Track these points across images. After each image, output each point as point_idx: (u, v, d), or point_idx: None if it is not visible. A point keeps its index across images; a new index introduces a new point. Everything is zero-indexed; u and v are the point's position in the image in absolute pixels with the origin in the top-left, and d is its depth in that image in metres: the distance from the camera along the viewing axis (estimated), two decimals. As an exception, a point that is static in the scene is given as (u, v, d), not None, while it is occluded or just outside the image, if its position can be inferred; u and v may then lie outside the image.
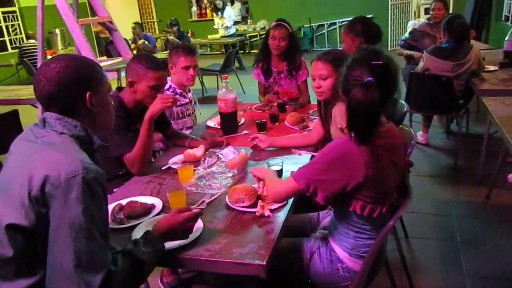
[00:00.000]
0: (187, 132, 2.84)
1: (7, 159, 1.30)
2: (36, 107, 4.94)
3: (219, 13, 9.15)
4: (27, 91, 4.82)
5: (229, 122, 2.66)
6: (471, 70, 3.62)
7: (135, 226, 1.60)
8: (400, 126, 2.22)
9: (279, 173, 1.94)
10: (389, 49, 10.31)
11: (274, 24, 3.27)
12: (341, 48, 3.28)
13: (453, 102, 3.80)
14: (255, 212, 1.64)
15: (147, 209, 1.70)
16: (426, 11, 10.49)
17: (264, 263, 1.34)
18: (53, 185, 1.12)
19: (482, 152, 3.46)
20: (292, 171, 1.54)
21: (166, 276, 2.40)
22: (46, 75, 1.27)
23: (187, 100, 2.90)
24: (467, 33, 3.64)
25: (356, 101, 1.34)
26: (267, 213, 1.62)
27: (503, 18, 7.29)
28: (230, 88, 2.66)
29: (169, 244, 1.41)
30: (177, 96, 2.74)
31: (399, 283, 2.17)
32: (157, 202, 1.78)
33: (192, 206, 1.65)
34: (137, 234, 1.52)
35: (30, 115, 5.04)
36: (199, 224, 1.54)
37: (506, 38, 3.86)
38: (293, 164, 2.11)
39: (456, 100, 3.81)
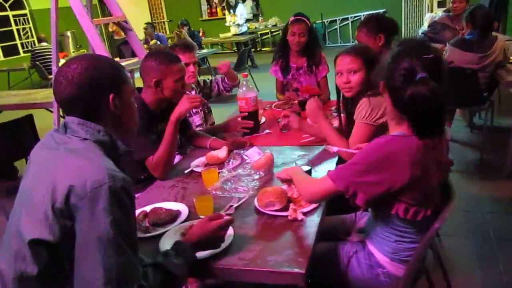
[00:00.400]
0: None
1: (27, 168, 1.23)
2: (51, 111, 4.92)
3: (231, 10, 9.06)
4: (41, 95, 4.79)
5: (249, 119, 2.57)
6: (497, 62, 3.49)
7: (162, 234, 1.52)
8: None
9: (309, 174, 1.85)
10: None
11: (292, 19, 3.17)
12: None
13: (478, 95, 3.68)
14: (287, 216, 1.56)
15: (173, 216, 1.63)
16: (440, 4, 10.34)
17: (303, 271, 1.25)
18: (78, 196, 1.05)
19: (510, 145, 3.34)
20: (329, 170, 1.44)
21: (191, 283, 2.33)
22: (66, 77, 1.19)
23: None
24: (492, 24, 3.50)
25: (421, 98, 1.25)
26: (300, 216, 1.53)
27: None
28: (251, 86, 2.57)
29: (199, 254, 1.33)
30: None
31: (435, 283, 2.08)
32: (183, 208, 1.70)
33: (221, 212, 1.57)
34: (165, 243, 1.44)
35: (45, 120, 5.04)
36: (230, 231, 1.46)
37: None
38: (321, 164, 2.03)
39: (481, 93, 3.70)
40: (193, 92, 2.86)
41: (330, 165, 2.00)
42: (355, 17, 10.98)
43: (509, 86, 3.13)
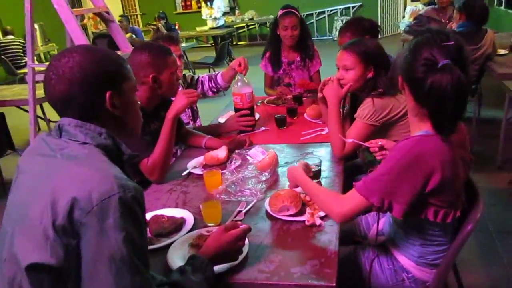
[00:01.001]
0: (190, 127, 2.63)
1: (16, 180, 1.06)
2: (23, 109, 4.64)
3: (208, 3, 8.83)
4: (11, 92, 4.51)
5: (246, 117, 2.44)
6: (486, 54, 3.47)
7: (167, 246, 1.38)
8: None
9: (317, 174, 1.75)
10: (381, 35, 10.16)
11: (282, 12, 3.04)
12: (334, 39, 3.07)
13: (467, 87, 3.66)
14: (303, 221, 1.44)
15: (178, 224, 1.48)
16: (413, -3, 10.43)
17: (334, 284, 1.14)
18: (83, 210, 0.89)
19: (501, 136, 3.33)
20: (355, 183, 1.30)
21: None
22: (57, 72, 1.02)
23: None
24: (487, 16, 3.47)
25: (443, 87, 1.15)
26: (318, 221, 1.42)
27: (495, 3, 7.23)
28: (246, 81, 2.44)
29: (215, 268, 1.20)
30: None
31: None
32: (187, 215, 1.56)
33: (232, 219, 1.44)
34: (174, 256, 1.31)
35: (17, 119, 4.76)
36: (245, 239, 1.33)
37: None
38: (328, 161, 1.92)
39: (470, 85, 3.68)
40: (180, 88, 2.69)
41: (337, 164, 1.90)
42: (331, 10, 10.94)
43: (502, 78, 3.11)
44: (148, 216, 1.54)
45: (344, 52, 1.97)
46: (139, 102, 1.21)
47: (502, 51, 3.73)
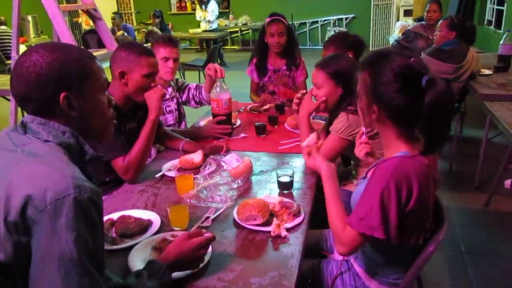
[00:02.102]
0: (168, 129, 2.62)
1: None
2: (8, 100, 4.59)
3: (203, 6, 8.83)
4: (-4, 81, 4.46)
5: (223, 123, 2.43)
6: (471, 72, 3.51)
7: (130, 247, 1.36)
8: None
9: (289, 184, 1.75)
10: (371, 48, 10.24)
11: (269, 20, 3.05)
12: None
13: (450, 106, 3.71)
14: (269, 232, 1.44)
15: (144, 226, 1.47)
16: (406, 12, 10.54)
17: (290, 297, 1.14)
18: (37, 208, 0.88)
19: (480, 157, 3.36)
20: (351, 223, 1.25)
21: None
22: (16, 70, 1.03)
23: (166, 97, 2.66)
24: (476, 36, 3.54)
25: (438, 102, 1.15)
26: (283, 233, 1.42)
27: (485, 22, 7.34)
28: (225, 87, 2.43)
29: (175, 274, 1.19)
30: None
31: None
32: (154, 217, 1.55)
33: (198, 225, 1.43)
34: (135, 258, 1.30)
35: (1, 107, 4.69)
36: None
37: (501, 42, 3.78)
38: (301, 173, 1.93)
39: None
40: (170, 90, 2.68)
41: (310, 176, 1.90)
42: (324, 20, 11.01)
43: (483, 99, 3.14)
44: (116, 215, 1.54)
45: (315, 69, 2.01)
46: (112, 101, 1.18)
47: (486, 71, 3.76)
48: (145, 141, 1.87)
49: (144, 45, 2.30)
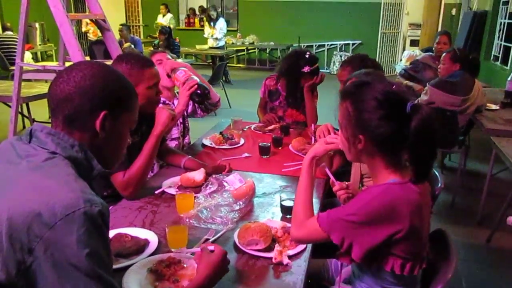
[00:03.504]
0: (172, 144, 2.57)
1: None
2: (7, 105, 4.55)
3: (212, 23, 8.89)
4: (1, 87, 4.44)
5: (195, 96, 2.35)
6: (477, 105, 3.49)
7: (126, 268, 1.30)
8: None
9: (291, 209, 1.69)
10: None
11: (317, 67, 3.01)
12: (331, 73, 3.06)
13: (454, 137, 3.68)
14: (270, 258, 1.39)
15: (140, 246, 1.41)
16: (412, 42, 10.67)
17: (291, 332, 1.08)
18: (45, 225, 0.84)
19: (483, 191, 3.32)
20: (318, 213, 1.27)
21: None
22: (69, 73, 1.02)
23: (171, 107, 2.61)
24: (479, 69, 3.53)
25: (425, 127, 1.15)
26: (285, 260, 1.37)
27: (491, 58, 7.38)
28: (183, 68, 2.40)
29: None
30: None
31: None
32: (151, 237, 1.49)
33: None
34: (130, 280, 1.24)
35: (1, 113, 4.66)
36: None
37: (509, 79, 3.79)
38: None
39: (458, 135, 3.70)
40: (176, 101, 2.65)
41: (315, 200, 1.85)
42: (331, 45, 11.09)
43: (490, 134, 3.11)
44: (112, 233, 1.48)
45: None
46: (129, 141, 1.18)
47: (493, 106, 3.75)
48: (147, 156, 1.83)
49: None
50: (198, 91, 2.32)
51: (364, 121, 1.22)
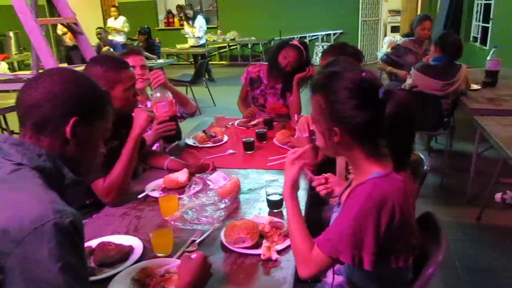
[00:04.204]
0: (154, 145, 2.52)
1: None
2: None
3: (190, 22, 8.78)
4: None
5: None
6: (460, 90, 3.49)
7: (110, 277, 1.26)
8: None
9: (279, 203, 1.67)
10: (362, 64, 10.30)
11: (293, 43, 2.92)
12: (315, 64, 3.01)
13: (439, 120, 3.70)
14: (258, 255, 1.36)
15: (124, 254, 1.37)
16: (393, 29, 10.71)
17: (283, 329, 1.05)
18: (13, 241, 0.80)
19: (471, 171, 3.33)
20: (318, 242, 1.18)
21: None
22: (38, 80, 1.00)
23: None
24: (461, 52, 3.52)
25: (398, 114, 1.12)
26: (274, 256, 1.34)
27: (471, 39, 7.43)
28: (165, 92, 2.30)
29: None
30: None
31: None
32: (136, 243, 1.45)
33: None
34: (117, 286, 1.20)
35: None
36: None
37: (488, 58, 3.79)
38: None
39: (442, 118, 3.72)
40: (149, 104, 2.60)
41: (302, 192, 1.82)
42: (312, 36, 11.07)
43: (473, 114, 3.12)
44: (95, 242, 1.44)
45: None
46: (103, 150, 1.14)
47: (474, 86, 3.76)
48: (127, 160, 1.79)
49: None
50: (170, 133, 2.28)
51: (338, 113, 1.18)
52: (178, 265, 1.20)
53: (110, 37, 7.92)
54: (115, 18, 9.18)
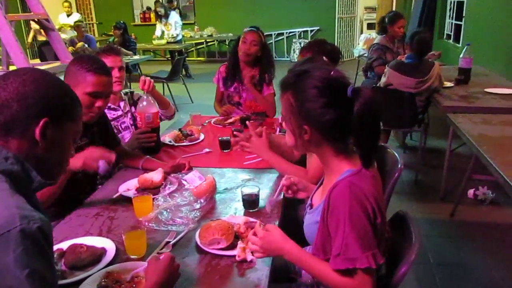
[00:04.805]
0: (126, 136, 2.48)
1: None
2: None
3: (163, 19, 8.61)
4: None
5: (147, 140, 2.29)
6: (433, 88, 3.55)
7: (81, 281, 1.24)
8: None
9: (255, 203, 1.67)
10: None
11: (246, 29, 3.01)
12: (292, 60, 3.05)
13: (413, 117, 3.75)
14: (234, 256, 1.35)
15: (96, 256, 1.34)
16: (369, 26, 10.82)
17: (257, 332, 1.05)
18: None
19: (444, 167, 3.40)
20: (333, 266, 1.16)
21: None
22: (7, 79, 0.96)
23: (119, 113, 2.50)
24: (426, 49, 3.58)
25: (366, 110, 1.14)
26: (249, 257, 1.33)
27: (444, 37, 7.57)
28: (152, 101, 2.30)
29: None
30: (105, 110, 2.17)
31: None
32: (109, 245, 1.42)
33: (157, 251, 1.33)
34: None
35: None
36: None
37: (461, 56, 3.87)
38: (268, 189, 1.85)
39: (417, 115, 3.77)
40: (122, 104, 2.54)
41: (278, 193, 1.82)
42: (290, 32, 11.10)
43: (446, 111, 3.18)
44: (66, 245, 1.41)
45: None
46: (73, 153, 1.11)
47: (448, 84, 3.83)
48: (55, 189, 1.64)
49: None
50: (149, 145, 2.27)
51: (308, 111, 1.19)
52: (145, 268, 1.18)
53: (63, 36, 7.54)
54: (68, 15, 8.64)
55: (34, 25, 7.77)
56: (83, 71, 1.76)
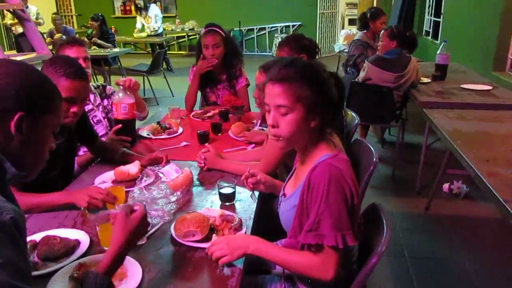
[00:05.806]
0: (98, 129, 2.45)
1: None
2: None
3: (143, 12, 8.49)
4: None
5: (122, 131, 2.28)
6: (411, 82, 3.61)
7: (53, 272, 1.23)
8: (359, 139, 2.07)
9: (231, 196, 1.68)
10: (319, 56, 10.43)
11: (204, 31, 2.97)
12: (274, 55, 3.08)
13: (392, 112, 3.80)
14: (208, 248, 1.35)
15: (70, 248, 1.34)
16: (351, 21, 10.88)
17: (229, 321, 1.06)
18: None
19: (420, 162, 3.46)
20: (302, 242, 1.24)
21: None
22: None
23: (89, 107, 2.47)
24: (417, 45, 3.65)
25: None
26: (223, 249, 1.34)
27: (423, 33, 7.67)
28: (128, 93, 2.29)
29: None
30: None
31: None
32: (82, 237, 1.41)
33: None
34: (56, 285, 1.16)
35: None
36: (138, 268, 1.22)
37: (438, 52, 3.94)
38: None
39: (395, 110, 3.83)
40: (92, 97, 2.50)
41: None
42: (272, 27, 11.10)
43: (422, 106, 3.23)
44: (39, 236, 1.39)
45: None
46: (53, 145, 1.08)
47: (425, 80, 3.90)
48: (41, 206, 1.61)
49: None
50: (125, 144, 2.25)
51: (327, 95, 1.27)
52: (112, 216, 1.19)
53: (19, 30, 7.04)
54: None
55: (8, 19, 7.56)
56: (57, 76, 1.69)
